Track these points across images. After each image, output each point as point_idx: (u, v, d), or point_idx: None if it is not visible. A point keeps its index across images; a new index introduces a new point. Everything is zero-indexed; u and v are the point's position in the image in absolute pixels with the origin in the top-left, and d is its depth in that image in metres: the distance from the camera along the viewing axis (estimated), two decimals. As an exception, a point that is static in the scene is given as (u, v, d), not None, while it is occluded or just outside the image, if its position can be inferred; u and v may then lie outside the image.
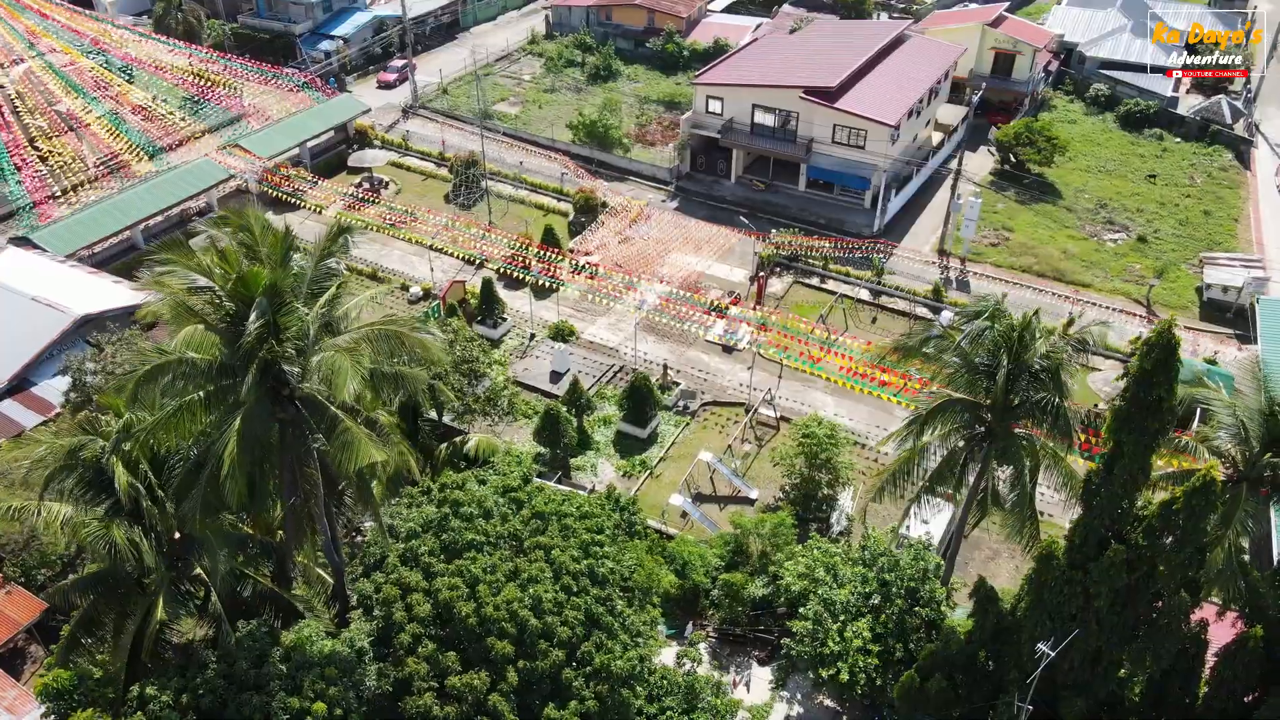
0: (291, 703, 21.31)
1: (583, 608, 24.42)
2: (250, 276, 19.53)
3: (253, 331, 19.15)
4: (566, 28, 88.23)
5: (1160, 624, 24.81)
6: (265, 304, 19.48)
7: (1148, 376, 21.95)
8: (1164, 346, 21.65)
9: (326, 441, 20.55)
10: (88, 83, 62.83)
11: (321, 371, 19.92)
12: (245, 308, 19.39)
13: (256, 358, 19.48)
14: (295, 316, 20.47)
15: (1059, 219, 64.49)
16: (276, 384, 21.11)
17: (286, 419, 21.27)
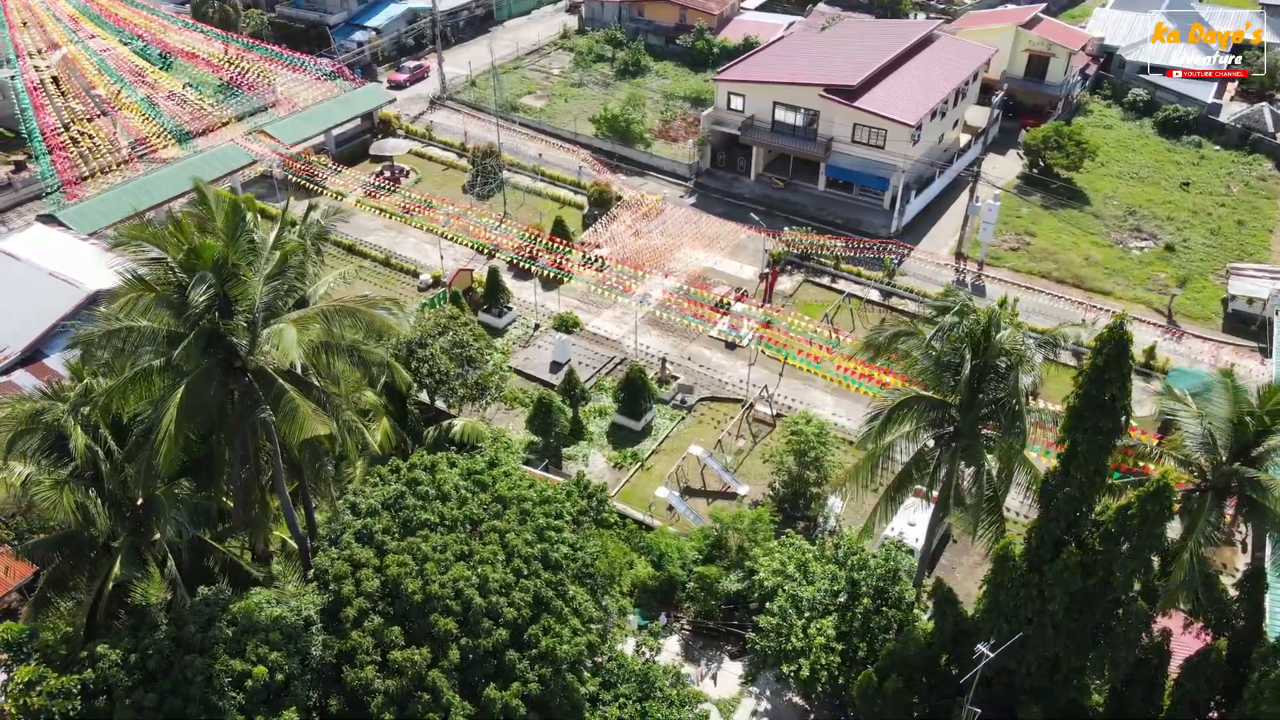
0: (234, 665, 21.86)
1: (531, 590, 24.63)
2: (200, 248, 20.07)
3: (197, 302, 19.70)
4: (599, 23, 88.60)
5: (1118, 632, 24.31)
6: (210, 275, 20.01)
7: (1099, 374, 21.54)
8: (1115, 343, 21.23)
9: (273, 414, 21.01)
10: (125, 69, 64.66)
11: (269, 343, 20.40)
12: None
13: (198, 327, 20.01)
14: (245, 290, 20.99)
15: (1084, 225, 63.22)
16: (229, 355, 21.67)
17: (238, 390, 21.80)
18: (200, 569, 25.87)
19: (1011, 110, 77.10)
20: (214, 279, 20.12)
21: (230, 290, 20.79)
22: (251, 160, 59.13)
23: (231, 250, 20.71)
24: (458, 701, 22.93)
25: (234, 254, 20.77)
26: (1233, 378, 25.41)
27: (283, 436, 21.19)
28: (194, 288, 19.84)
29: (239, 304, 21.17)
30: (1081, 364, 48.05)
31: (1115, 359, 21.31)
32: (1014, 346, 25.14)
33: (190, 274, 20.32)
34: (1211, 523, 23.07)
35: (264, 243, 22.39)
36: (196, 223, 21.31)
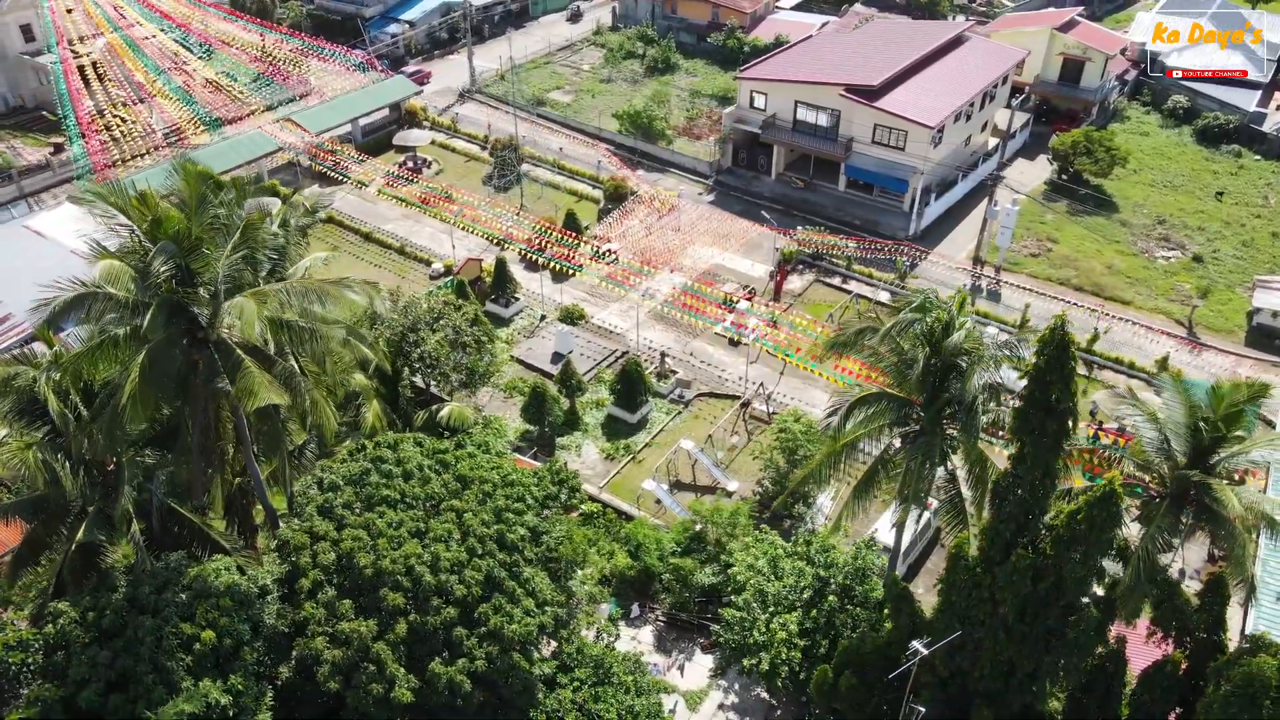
0: (184, 628, 22.55)
1: (484, 570, 25.00)
2: (163, 219, 20.77)
3: (158, 271, 20.42)
4: (632, 20, 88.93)
5: (1070, 638, 23.96)
6: (171, 246, 20.70)
7: (1042, 376, 21.25)
8: (1057, 345, 20.92)
9: (230, 384, 21.66)
10: (164, 57, 66.58)
11: (230, 315, 21.04)
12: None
13: (160, 297, 20.75)
14: (207, 262, 21.67)
15: (1109, 233, 61.98)
16: (192, 326, 22.40)
17: (202, 360, 22.48)
18: (172, 536, 26.67)
19: (1044, 115, 75.91)
20: (175, 249, 20.81)
21: (193, 262, 21.48)
22: (276, 148, 60.51)
23: (195, 223, 21.39)
24: (402, 674, 23.38)
25: (198, 227, 21.45)
26: (1181, 380, 24.80)
27: (237, 405, 21.76)
28: (154, 257, 20.56)
29: (202, 276, 21.86)
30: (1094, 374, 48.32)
31: (1057, 361, 21.00)
32: (973, 346, 24.83)
33: (154, 244, 21.02)
34: (1160, 528, 22.59)
35: (234, 219, 23.12)
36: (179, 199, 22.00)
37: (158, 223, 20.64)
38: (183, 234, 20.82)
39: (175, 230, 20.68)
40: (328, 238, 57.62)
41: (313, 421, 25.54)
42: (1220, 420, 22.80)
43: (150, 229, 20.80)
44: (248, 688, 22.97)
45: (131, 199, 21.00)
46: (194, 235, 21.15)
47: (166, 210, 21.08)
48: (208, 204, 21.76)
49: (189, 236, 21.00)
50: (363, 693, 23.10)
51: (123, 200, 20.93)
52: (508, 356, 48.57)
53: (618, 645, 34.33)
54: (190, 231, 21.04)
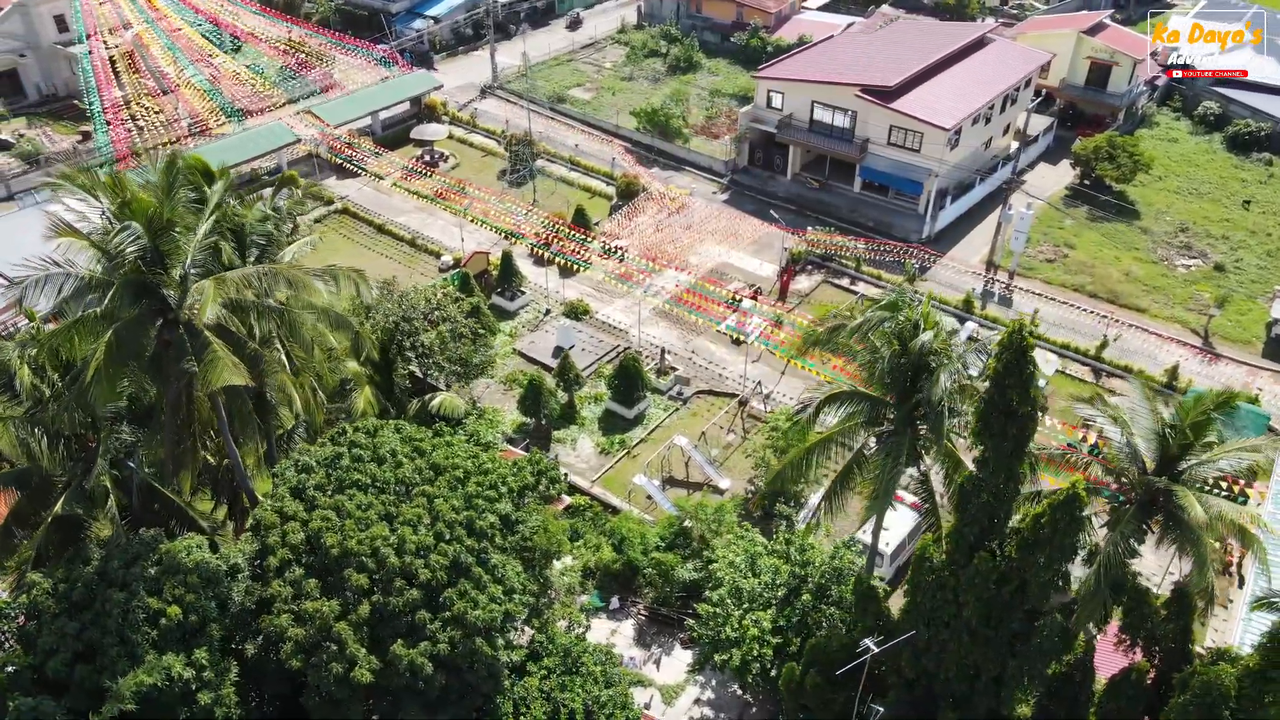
0: (151, 602, 23.05)
1: (450, 555, 25.24)
2: (132, 201, 21.28)
3: (124, 251, 20.93)
4: (657, 18, 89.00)
5: (1034, 643, 23.68)
6: (136, 227, 21.20)
7: (1001, 380, 21.02)
8: (1015, 349, 20.68)
9: (196, 364, 22.12)
10: (191, 50, 67.90)
11: (195, 296, 21.50)
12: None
13: (124, 276, 21.23)
14: (176, 245, 22.14)
15: (1129, 240, 60.96)
16: (164, 307, 22.90)
17: (173, 340, 22.97)
18: (152, 513, 27.26)
19: (1070, 119, 74.84)
20: (142, 230, 21.30)
21: (162, 245, 21.96)
22: (295, 139, 61.42)
23: (166, 207, 21.87)
24: (363, 654, 23.67)
25: (169, 211, 21.93)
26: (1146, 384, 24.35)
27: (201, 384, 22.23)
28: (117, 235, 21.07)
29: (172, 259, 22.35)
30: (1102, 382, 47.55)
31: (1015, 365, 20.75)
32: (942, 347, 24.56)
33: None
34: (1123, 535, 22.22)
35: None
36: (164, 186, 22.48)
37: (126, 205, 21.13)
38: (152, 217, 21.27)
39: (142, 212, 21.13)
40: (341, 228, 58.46)
41: (301, 406, 25.88)
42: (1188, 428, 22.38)
43: (119, 211, 21.29)
44: (212, 663, 23.42)
45: (102, 181, 21.51)
46: (164, 218, 21.60)
47: (135, 193, 21.58)
48: (177, 189, 22.20)
49: (159, 219, 21.45)
50: (323, 671, 23.44)
51: (91, 182, 21.45)
52: (510, 349, 48.92)
53: (597, 637, 34.59)
54: (161, 214, 21.50)
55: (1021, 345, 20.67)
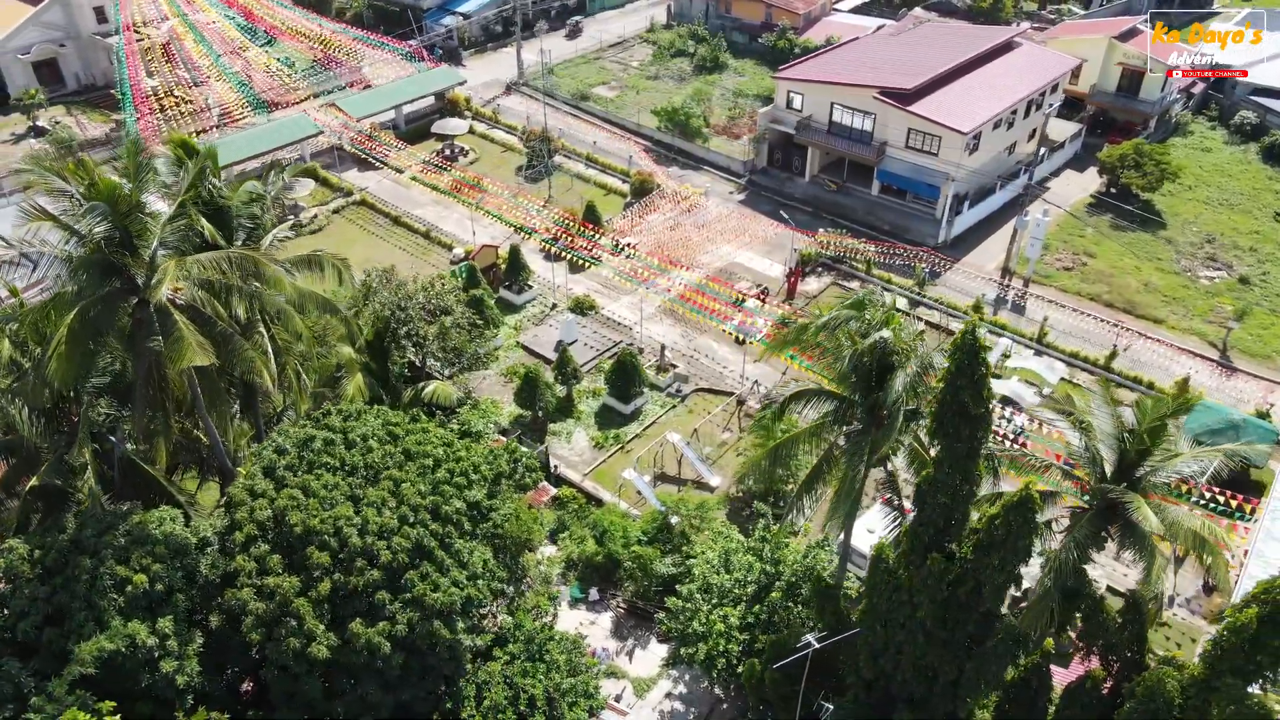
0: (118, 570, 23.78)
1: (413, 538, 25.65)
2: (99, 184, 21.98)
3: (90, 231, 21.64)
4: (686, 18, 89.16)
5: (988, 647, 23.46)
6: (102, 207, 21.90)
7: (954, 380, 20.86)
8: (967, 349, 20.50)
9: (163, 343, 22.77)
10: (224, 43, 69.51)
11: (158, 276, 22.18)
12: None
13: (89, 256, 21.95)
14: (144, 227, 22.83)
15: (1152, 250, 59.81)
16: (134, 286, 23.60)
17: (142, 320, 23.67)
18: (133, 487, 28.06)
19: (1101, 126, 73.62)
20: (109, 211, 22.00)
21: (130, 225, 22.66)
22: (318, 131, 62.58)
23: (136, 190, 22.56)
24: (321, 630, 24.16)
25: (137, 193, 22.62)
26: (1108, 389, 23.98)
27: (166, 362, 22.87)
28: (84, 215, 21.80)
29: (140, 239, 23.04)
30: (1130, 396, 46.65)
31: (967, 365, 20.58)
32: (902, 346, 24.39)
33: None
34: (1074, 540, 21.92)
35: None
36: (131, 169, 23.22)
37: (93, 186, 21.84)
38: (118, 198, 21.94)
39: (109, 194, 21.80)
40: (358, 219, 59.44)
41: (271, 386, 26.51)
42: (1145, 433, 22.01)
43: (87, 192, 22.02)
44: (176, 632, 24.08)
45: (69, 164, 22.25)
46: (130, 199, 22.28)
47: (102, 175, 22.27)
48: (146, 172, 22.88)
49: (125, 200, 22.12)
50: (281, 645, 23.98)
51: (59, 166, 22.18)
52: (514, 342, 49.41)
53: (576, 628, 34.89)
54: (127, 196, 22.17)
55: (974, 346, 20.50)
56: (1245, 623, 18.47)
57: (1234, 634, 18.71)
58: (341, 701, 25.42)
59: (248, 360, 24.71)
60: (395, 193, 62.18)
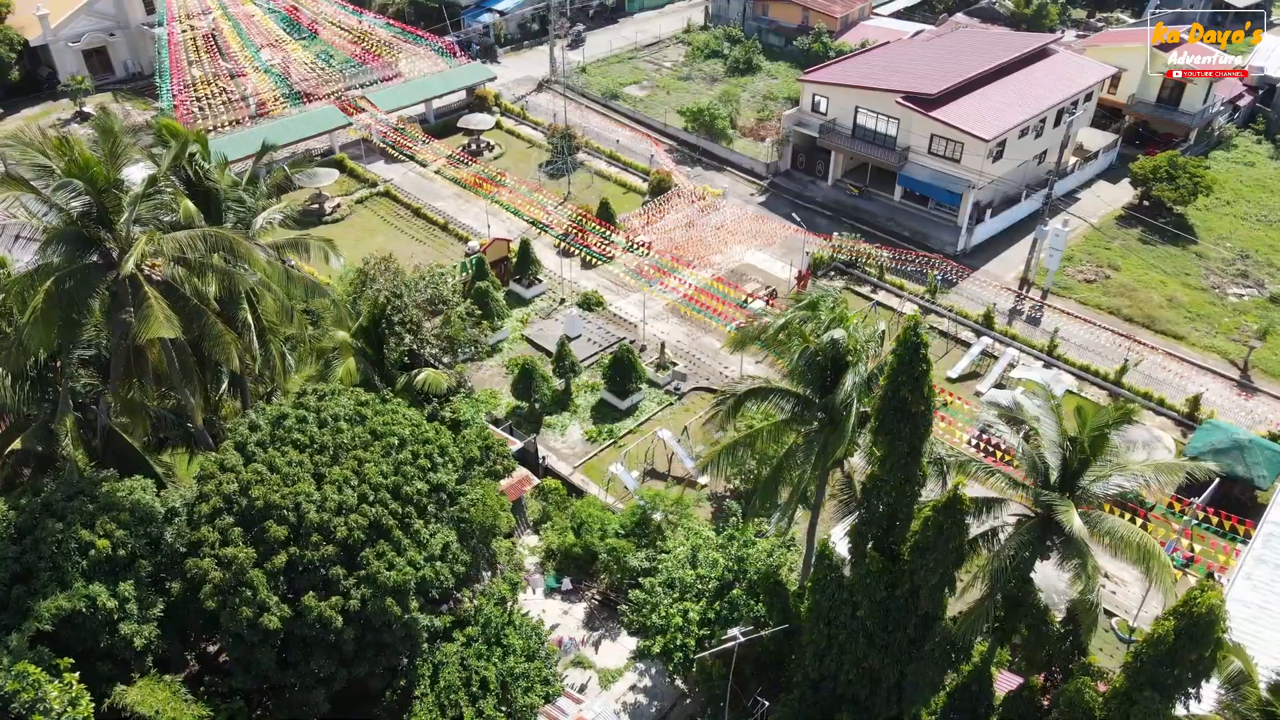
0: (83, 534, 24.77)
1: (371, 517, 26.26)
2: (78, 160, 22.97)
3: (64, 204, 22.65)
4: (724, 20, 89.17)
5: (926, 650, 23.31)
6: (77, 182, 22.90)
7: (894, 376, 20.80)
8: (908, 346, 20.43)
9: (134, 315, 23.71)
10: (265, 36, 71.48)
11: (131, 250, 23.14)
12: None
13: (58, 228, 22.97)
14: (119, 202, 23.80)
15: (1180, 264, 58.35)
16: (112, 261, 24.61)
17: (118, 293, 24.65)
18: (115, 456, 29.14)
19: (1140, 137, 71.97)
20: (84, 186, 23.00)
21: (106, 201, 23.65)
22: (347, 123, 63.99)
23: (111, 168, 23.54)
24: (274, 601, 24.89)
25: (114, 171, 23.60)
26: (1045, 392, 23.57)
27: (135, 334, 23.81)
28: (57, 190, 22.84)
29: (115, 215, 24.03)
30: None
31: (908, 363, 20.50)
32: (853, 346, 24.29)
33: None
34: (1018, 549, 21.64)
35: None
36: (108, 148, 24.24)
37: (73, 163, 22.85)
38: (94, 174, 22.92)
39: (84, 170, 22.79)
40: (380, 209, 60.66)
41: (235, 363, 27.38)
42: (1086, 442, 21.66)
43: (67, 168, 23.03)
44: (137, 597, 25.01)
45: (51, 140, 23.30)
46: (107, 177, 23.25)
47: (83, 153, 23.27)
48: (123, 151, 23.86)
49: (101, 177, 23.09)
50: (234, 614, 24.77)
51: (39, 143, 23.23)
52: (519, 335, 50.03)
53: (550, 617, 35.34)
54: (103, 173, 23.14)
55: (915, 344, 20.43)
56: (1162, 635, 18.13)
57: (1152, 647, 18.39)
58: (295, 673, 26.13)
59: (215, 336, 25.54)
60: (419, 185, 63.30)
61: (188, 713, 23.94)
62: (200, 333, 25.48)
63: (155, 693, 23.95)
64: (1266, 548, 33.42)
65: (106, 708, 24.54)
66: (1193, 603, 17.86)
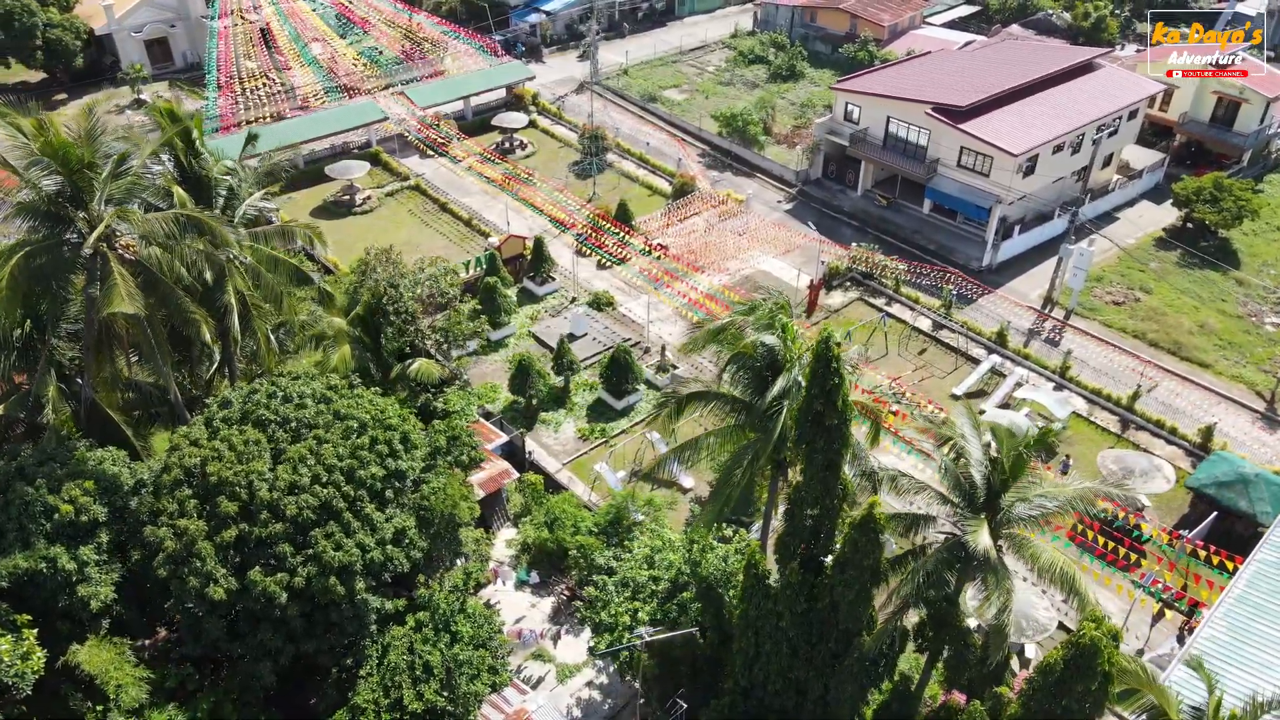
0: (49, 499, 26.09)
1: (321, 497, 27.07)
2: (52, 141, 24.21)
3: (36, 181, 23.94)
4: (771, 25, 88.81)
5: (843, 665, 23.14)
6: (49, 161, 24.13)
7: (808, 390, 20.72)
8: (820, 358, 20.34)
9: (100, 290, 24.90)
10: (310, 31, 73.66)
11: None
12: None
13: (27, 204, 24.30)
14: (91, 183, 25.02)
15: (1218, 290, 56.35)
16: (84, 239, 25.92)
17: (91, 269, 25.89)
18: (98, 427, 30.55)
19: (1191, 157, 69.61)
20: (56, 165, 24.25)
21: (79, 181, 24.89)
22: (383, 117, 65.58)
23: (87, 150, 24.77)
24: (221, 573, 25.87)
25: (89, 153, 24.81)
26: (970, 412, 23.07)
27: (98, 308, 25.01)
28: (30, 168, 24.12)
29: (88, 195, 25.27)
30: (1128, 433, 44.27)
31: (820, 376, 20.40)
32: (786, 353, 24.16)
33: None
34: (932, 568, 21.32)
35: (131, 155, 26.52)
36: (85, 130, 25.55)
37: (49, 144, 24.11)
38: (67, 154, 24.13)
39: (57, 150, 24.03)
40: (408, 203, 62.01)
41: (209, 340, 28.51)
42: (1006, 464, 21.23)
43: (42, 148, 24.31)
44: (97, 561, 26.24)
45: (32, 121, 24.62)
46: (81, 158, 24.47)
47: (58, 134, 24.53)
48: (99, 134, 25.08)
49: (75, 158, 24.31)
50: (183, 583, 25.80)
51: (18, 121, 24.56)
52: (526, 332, 50.73)
53: (518, 610, 35.91)
54: (78, 154, 24.36)
55: (826, 356, 20.33)
56: (1051, 665, 17.77)
57: (1042, 675, 18.02)
58: (243, 644, 27.09)
59: (183, 314, 26.62)
60: (449, 180, 64.52)
61: (129, 673, 25.00)
62: (170, 311, 26.54)
63: (101, 653, 25.09)
64: (1251, 587, 32.17)
65: (61, 664, 25.82)
66: (1080, 634, 17.44)
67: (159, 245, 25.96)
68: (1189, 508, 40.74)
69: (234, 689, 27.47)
